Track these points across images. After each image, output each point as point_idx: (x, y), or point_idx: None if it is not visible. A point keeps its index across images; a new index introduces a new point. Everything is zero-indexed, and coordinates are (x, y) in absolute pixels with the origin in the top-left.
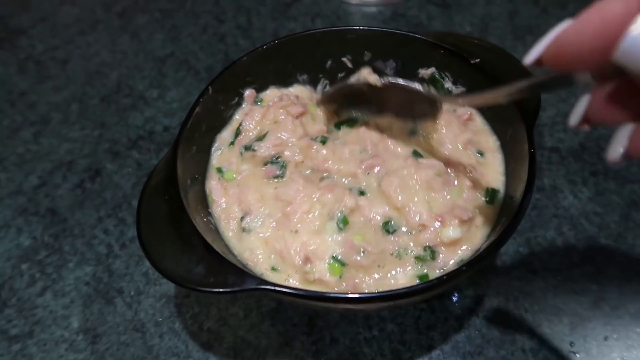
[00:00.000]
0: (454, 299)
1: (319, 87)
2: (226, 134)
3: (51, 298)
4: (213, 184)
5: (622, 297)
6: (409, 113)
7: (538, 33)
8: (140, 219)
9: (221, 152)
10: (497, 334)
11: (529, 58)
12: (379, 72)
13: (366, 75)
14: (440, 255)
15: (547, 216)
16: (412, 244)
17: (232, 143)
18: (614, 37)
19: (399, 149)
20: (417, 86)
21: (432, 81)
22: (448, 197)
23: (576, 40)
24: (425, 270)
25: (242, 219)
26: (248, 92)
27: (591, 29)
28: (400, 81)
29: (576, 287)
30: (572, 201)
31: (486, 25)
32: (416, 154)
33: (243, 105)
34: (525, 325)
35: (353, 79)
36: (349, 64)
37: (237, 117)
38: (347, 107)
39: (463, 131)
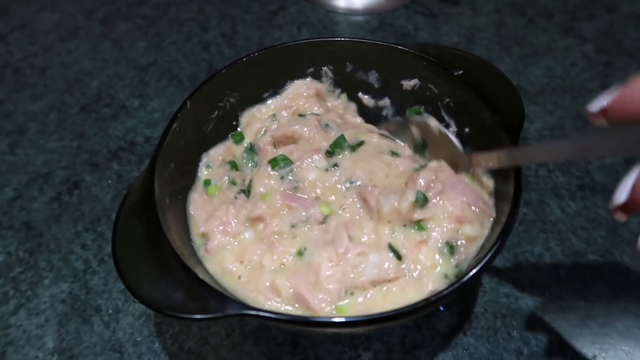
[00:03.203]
0: (439, 317)
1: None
2: (216, 152)
3: (25, 317)
4: (194, 197)
5: (609, 315)
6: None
7: (524, 44)
8: (116, 242)
9: (211, 170)
10: (485, 353)
11: (594, 106)
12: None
13: (429, 121)
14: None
15: (535, 231)
16: None
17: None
18: None
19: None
20: (457, 142)
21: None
22: None
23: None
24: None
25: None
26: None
27: None
28: (450, 134)
29: (564, 304)
30: (559, 216)
31: (473, 35)
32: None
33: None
34: (512, 343)
35: (418, 119)
36: (331, 74)
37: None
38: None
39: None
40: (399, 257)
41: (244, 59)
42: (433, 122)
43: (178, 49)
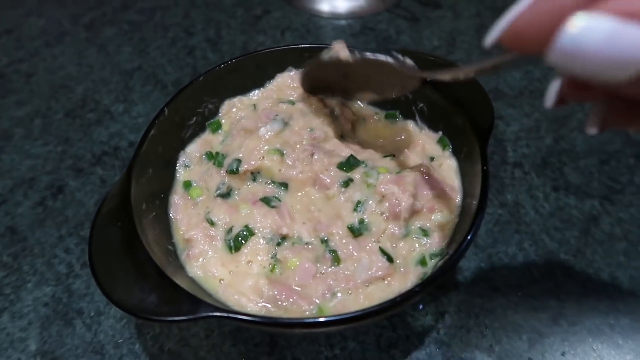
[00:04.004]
0: (413, 316)
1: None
2: (193, 148)
3: (8, 320)
4: (175, 199)
5: (580, 313)
6: (382, 90)
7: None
8: (92, 248)
9: (190, 169)
10: (458, 351)
11: (488, 41)
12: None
13: (338, 50)
14: None
15: (509, 232)
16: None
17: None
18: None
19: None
20: (389, 59)
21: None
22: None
23: (530, 25)
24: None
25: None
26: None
27: (542, 17)
28: (370, 55)
29: (536, 303)
30: (533, 217)
31: (454, 39)
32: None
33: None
34: (485, 341)
35: (325, 55)
36: None
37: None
38: (322, 88)
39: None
40: (390, 259)
41: (222, 66)
42: (344, 53)
43: (163, 54)
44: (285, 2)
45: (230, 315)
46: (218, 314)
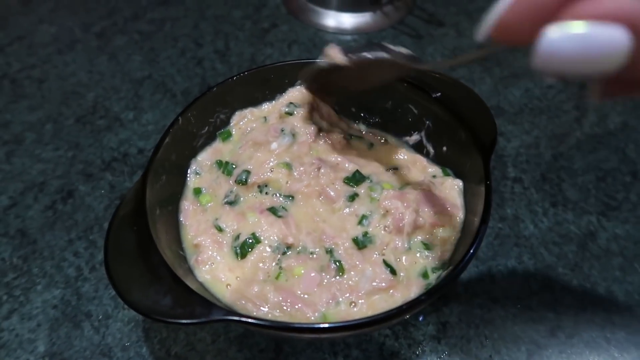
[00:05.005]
0: (415, 326)
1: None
2: (204, 157)
3: (17, 321)
4: (185, 205)
5: (577, 326)
6: (376, 80)
7: (504, 65)
8: (108, 250)
9: (200, 176)
10: None
11: (480, 36)
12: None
13: (332, 55)
14: None
15: (509, 245)
16: None
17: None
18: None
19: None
20: (385, 54)
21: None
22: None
23: (515, 20)
24: None
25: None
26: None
27: (525, 12)
28: (368, 54)
29: (534, 315)
30: (532, 231)
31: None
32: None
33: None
34: (485, 352)
35: (322, 63)
36: None
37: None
38: (325, 91)
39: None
40: (393, 272)
41: (235, 78)
42: (339, 58)
43: (172, 64)
44: (292, 16)
45: (243, 319)
46: (230, 317)
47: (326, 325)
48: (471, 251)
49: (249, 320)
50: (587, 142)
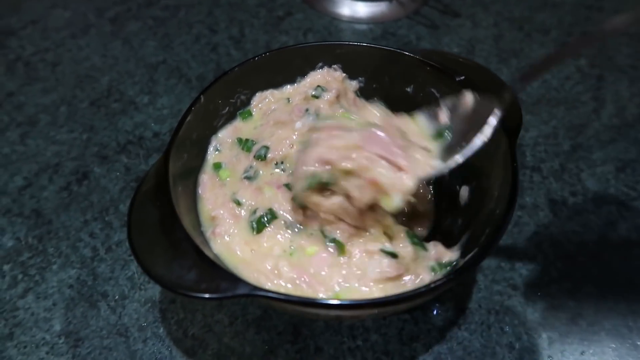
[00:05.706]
0: (435, 311)
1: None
2: (225, 134)
3: (33, 300)
4: (204, 179)
5: (598, 314)
6: None
7: (522, 57)
8: (131, 225)
9: (221, 152)
10: (478, 347)
11: None
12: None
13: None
14: None
15: (528, 233)
16: None
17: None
18: None
19: None
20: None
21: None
22: None
23: None
24: None
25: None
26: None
27: None
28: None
29: (555, 302)
30: (552, 220)
31: (472, 47)
32: None
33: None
34: (505, 338)
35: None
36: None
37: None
38: None
39: None
40: (394, 256)
41: (256, 59)
42: (468, 97)
43: (187, 50)
44: (307, 4)
45: (269, 294)
46: (258, 292)
47: (358, 302)
48: (498, 235)
49: (276, 295)
50: (605, 133)
